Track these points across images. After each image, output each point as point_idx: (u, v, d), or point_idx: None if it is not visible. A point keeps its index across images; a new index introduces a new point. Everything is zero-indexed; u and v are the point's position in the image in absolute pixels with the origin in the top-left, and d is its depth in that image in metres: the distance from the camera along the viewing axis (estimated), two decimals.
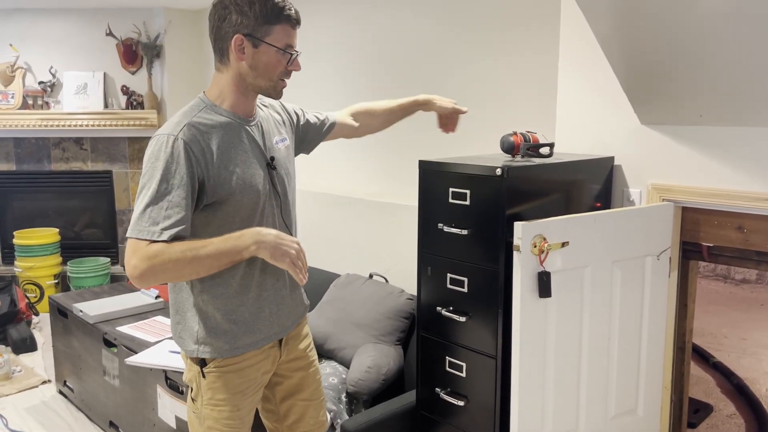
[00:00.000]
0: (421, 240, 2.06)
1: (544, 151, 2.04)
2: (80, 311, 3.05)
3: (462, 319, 1.94)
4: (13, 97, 4.68)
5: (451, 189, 1.93)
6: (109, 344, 2.84)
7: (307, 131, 1.92)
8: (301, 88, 3.80)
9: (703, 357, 3.58)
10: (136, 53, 4.77)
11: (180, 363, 2.38)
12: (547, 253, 1.73)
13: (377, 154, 3.42)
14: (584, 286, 1.85)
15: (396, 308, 2.69)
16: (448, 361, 2.03)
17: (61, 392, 3.41)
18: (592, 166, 2.09)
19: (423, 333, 2.11)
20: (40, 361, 3.82)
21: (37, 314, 4.51)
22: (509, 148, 2.04)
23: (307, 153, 2.00)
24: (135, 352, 2.61)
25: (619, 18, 1.76)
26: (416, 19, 3.12)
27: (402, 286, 2.80)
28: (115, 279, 4.80)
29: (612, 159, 2.15)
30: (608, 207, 2.15)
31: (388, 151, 3.35)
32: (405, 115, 2.08)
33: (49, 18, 4.72)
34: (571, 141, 2.26)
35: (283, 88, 1.61)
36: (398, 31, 3.22)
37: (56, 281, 4.74)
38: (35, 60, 4.76)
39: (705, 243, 2.03)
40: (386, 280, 2.93)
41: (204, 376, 1.63)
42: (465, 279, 1.93)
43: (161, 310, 3.17)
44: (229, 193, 1.53)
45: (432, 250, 2.03)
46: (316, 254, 3.37)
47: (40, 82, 4.73)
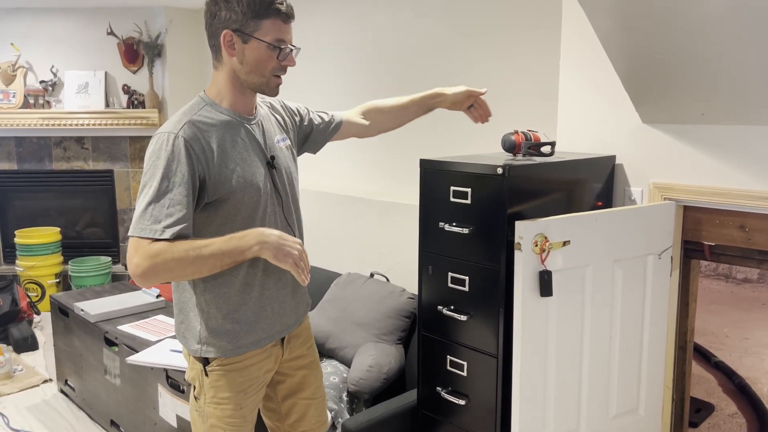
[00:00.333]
0: (422, 239, 2.06)
1: (546, 150, 2.04)
2: (81, 310, 3.05)
3: (463, 318, 1.94)
4: (14, 96, 4.68)
5: (452, 188, 1.93)
6: (110, 343, 2.84)
7: (310, 130, 1.89)
8: (301, 88, 3.80)
9: (704, 356, 3.57)
10: (138, 52, 4.77)
11: (181, 362, 2.38)
12: (549, 252, 1.73)
13: (378, 153, 3.42)
14: (585, 285, 1.85)
15: (397, 307, 2.69)
16: (449, 360, 2.02)
17: (62, 391, 3.41)
18: (593, 165, 2.08)
19: (424, 332, 2.11)
20: (41, 360, 3.82)
21: (38, 313, 4.51)
22: (510, 147, 2.04)
23: (314, 153, 1.96)
24: (136, 351, 2.61)
25: (621, 16, 1.76)
26: (417, 19, 3.12)
27: (403, 285, 2.80)
28: (116, 278, 4.80)
29: (613, 158, 2.14)
30: (610, 206, 2.15)
31: (389, 150, 3.35)
32: (420, 110, 1.99)
33: (50, 17, 4.72)
34: (572, 140, 2.25)
35: (277, 84, 1.59)
36: (399, 31, 3.22)
37: (57, 280, 4.74)
38: (36, 59, 4.76)
39: (707, 242, 2.03)
40: (387, 279, 2.93)
41: (207, 375, 1.63)
42: (466, 278, 1.93)
43: (162, 309, 3.17)
44: (229, 192, 1.53)
45: (433, 249, 2.02)
46: (317, 253, 3.37)
47: (42, 81, 4.74)
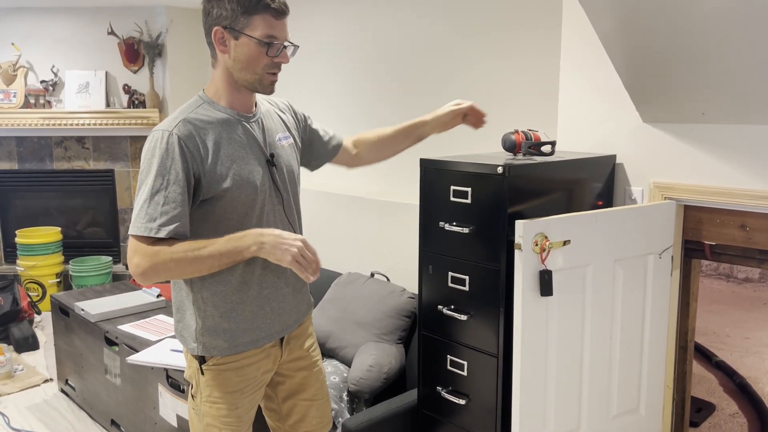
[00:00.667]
0: (422, 238, 2.06)
1: (546, 149, 2.04)
2: (82, 310, 3.05)
3: (463, 317, 1.94)
4: (15, 96, 4.68)
5: (452, 187, 1.92)
6: (110, 343, 2.85)
7: (313, 139, 1.85)
8: (301, 88, 3.80)
9: (705, 356, 3.57)
10: (138, 52, 4.77)
11: (181, 361, 2.38)
12: (549, 251, 1.72)
13: None
14: (586, 284, 1.85)
15: (397, 307, 2.68)
16: (450, 359, 2.02)
17: (62, 391, 3.41)
18: (593, 165, 2.08)
19: (424, 332, 2.11)
20: (42, 360, 3.83)
21: (39, 313, 4.51)
22: (511, 146, 2.04)
23: (312, 169, 1.90)
24: (136, 351, 2.61)
25: (621, 15, 1.75)
26: (417, 19, 3.11)
27: (403, 285, 2.80)
28: (116, 278, 4.81)
29: (614, 157, 2.14)
30: (610, 205, 2.14)
31: None
32: (408, 140, 1.92)
33: (50, 17, 4.72)
34: (572, 139, 2.25)
35: (271, 82, 1.57)
36: (399, 31, 3.21)
37: (58, 280, 4.74)
38: (37, 59, 4.77)
39: (707, 241, 2.03)
40: (387, 279, 2.93)
41: (203, 374, 1.63)
42: (466, 278, 1.93)
43: (162, 308, 3.17)
44: (224, 189, 1.53)
45: (433, 249, 2.02)
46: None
47: (42, 81, 4.74)
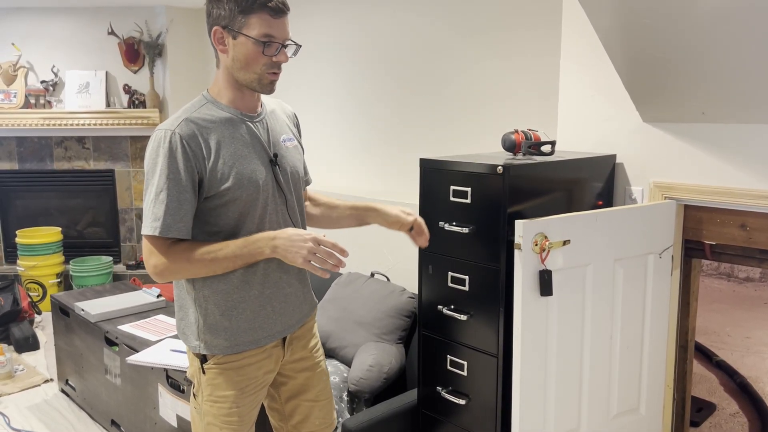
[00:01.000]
0: None
1: (546, 149, 2.03)
2: (82, 310, 3.05)
3: (463, 317, 1.94)
4: (15, 96, 4.68)
5: (452, 187, 1.92)
6: (110, 343, 2.85)
7: None
8: (301, 88, 3.80)
9: (706, 355, 3.57)
10: (138, 52, 4.77)
11: (181, 362, 2.38)
12: (549, 251, 1.72)
13: (378, 152, 3.42)
14: (586, 284, 1.85)
15: (397, 307, 2.68)
16: (450, 359, 2.02)
17: (63, 391, 3.41)
18: (593, 164, 2.08)
19: (424, 331, 2.11)
20: (42, 360, 3.83)
21: (39, 313, 4.51)
22: (511, 146, 2.04)
23: None
24: (136, 351, 2.61)
25: (621, 15, 1.75)
26: (416, 19, 3.11)
27: (403, 285, 2.80)
28: (117, 278, 4.81)
29: (614, 157, 2.14)
30: (610, 205, 2.14)
31: (389, 149, 3.34)
32: (353, 220, 1.82)
33: (51, 17, 4.72)
34: (572, 139, 2.25)
35: (271, 81, 1.57)
36: (399, 31, 3.21)
37: (58, 280, 4.74)
38: (37, 59, 4.77)
39: (707, 241, 2.02)
40: (388, 279, 2.93)
41: (204, 372, 1.63)
42: (466, 277, 1.93)
43: (163, 308, 3.17)
44: (226, 188, 1.53)
45: (433, 249, 2.02)
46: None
47: (42, 81, 4.74)
